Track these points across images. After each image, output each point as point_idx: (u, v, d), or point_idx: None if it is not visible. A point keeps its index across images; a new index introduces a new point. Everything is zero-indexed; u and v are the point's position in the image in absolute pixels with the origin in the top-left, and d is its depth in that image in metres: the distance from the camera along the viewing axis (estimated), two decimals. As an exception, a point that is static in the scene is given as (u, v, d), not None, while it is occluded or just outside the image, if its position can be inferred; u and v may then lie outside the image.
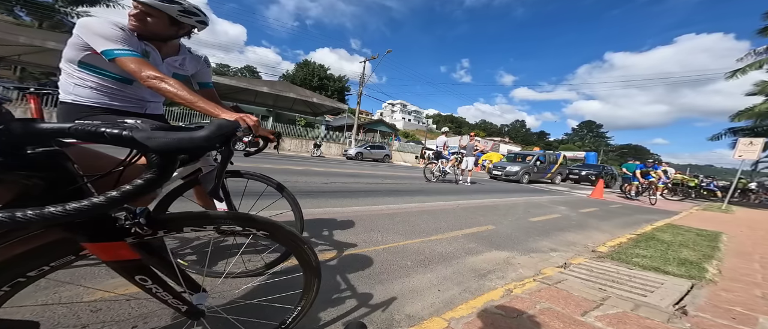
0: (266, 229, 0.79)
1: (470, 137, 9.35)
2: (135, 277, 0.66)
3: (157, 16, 1.24)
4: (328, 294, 1.50)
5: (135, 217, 0.59)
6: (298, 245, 0.87)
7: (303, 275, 0.95)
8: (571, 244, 3.10)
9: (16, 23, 16.41)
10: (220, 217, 0.71)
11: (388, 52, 21.93)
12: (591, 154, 37.63)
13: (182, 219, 0.67)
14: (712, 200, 13.41)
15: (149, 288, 0.69)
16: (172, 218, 0.66)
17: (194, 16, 1.32)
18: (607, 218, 5.16)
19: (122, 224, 0.58)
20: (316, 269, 0.93)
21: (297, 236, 0.86)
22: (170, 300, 0.73)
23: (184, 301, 0.77)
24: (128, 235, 0.60)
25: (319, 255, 2.00)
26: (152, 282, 0.68)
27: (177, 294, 0.75)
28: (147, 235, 0.61)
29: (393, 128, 41.85)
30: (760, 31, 12.51)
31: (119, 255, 0.61)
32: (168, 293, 0.72)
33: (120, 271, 0.64)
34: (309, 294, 0.97)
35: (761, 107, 12.86)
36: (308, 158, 13.40)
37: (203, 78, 1.61)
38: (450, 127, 22.25)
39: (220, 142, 0.55)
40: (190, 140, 0.51)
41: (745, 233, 4.66)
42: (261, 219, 0.79)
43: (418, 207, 4.17)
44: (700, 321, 1.55)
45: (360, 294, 1.54)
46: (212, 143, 0.54)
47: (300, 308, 1.00)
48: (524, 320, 1.40)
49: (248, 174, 1.63)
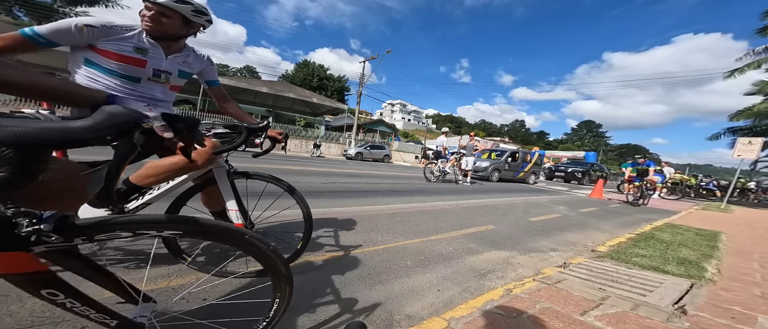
0: (206, 232, 0.70)
1: (470, 137, 9.35)
2: (41, 291, 0.57)
3: (172, 16, 1.29)
4: (328, 294, 1.50)
5: (39, 223, 0.50)
6: (258, 247, 0.77)
7: (271, 282, 0.86)
8: (570, 244, 3.10)
9: (14, 23, 16.37)
10: (145, 222, 0.62)
11: (388, 52, 21.94)
12: (590, 154, 37.69)
13: (96, 226, 0.57)
14: (711, 199, 13.43)
15: (62, 303, 0.60)
16: (90, 224, 0.57)
17: (203, 16, 1.37)
18: (606, 218, 5.17)
19: (21, 231, 0.49)
20: (287, 276, 0.84)
21: (253, 239, 0.77)
22: (92, 314, 0.64)
23: (114, 316, 0.67)
24: (31, 244, 0.51)
25: (319, 255, 2.00)
26: (65, 296, 0.59)
27: (102, 307, 0.65)
28: (57, 244, 0.53)
29: (393, 128, 41.86)
30: (759, 30, 12.53)
31: (17, 267, 0.53)
32: (89, 307, 0.63)
33: (21, 285, 0.56)
34: (279, 303, 0.88)
35: (760, 106, 12.88)
36: (308, 158, 13.41)
37: (210, 76, 1.63)
38: (450, 127, 22.28)
39: (112, 135, 0.47)
40: (62, 131, 0.43)
41: (744, 232, 4.67)
42: (198, 221, 0.69)
43: (417, 207, 4.17)
44: (700, 321, 1.55)
45: (360, 294, 1.54)
46: (99, 135, 0.46)
47: (267, 320, 0.91)
48: (524, 320, 1.40)
49: (258, 176, 1.60)
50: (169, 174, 1.28)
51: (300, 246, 1.65)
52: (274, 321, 0.91)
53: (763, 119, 13.29)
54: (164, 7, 1.25)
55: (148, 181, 1.26)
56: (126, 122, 0.48)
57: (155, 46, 1.36)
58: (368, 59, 23.54)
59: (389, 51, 21.83)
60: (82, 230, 0.56)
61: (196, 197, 1.61)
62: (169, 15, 1.28)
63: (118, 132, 0.48)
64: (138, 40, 1.31)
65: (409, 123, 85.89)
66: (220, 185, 1.45)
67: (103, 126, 0.46)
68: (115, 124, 0.47)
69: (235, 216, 1.47)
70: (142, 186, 1.28)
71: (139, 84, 1.36)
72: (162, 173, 1.26)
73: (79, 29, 1.17)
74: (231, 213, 1.47)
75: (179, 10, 1.28)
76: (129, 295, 0.72)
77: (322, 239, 2.32)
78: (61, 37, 1.16)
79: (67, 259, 0.61)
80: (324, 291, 1.53)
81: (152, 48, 1.35)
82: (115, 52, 1.26)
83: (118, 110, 0.48)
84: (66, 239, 0.54)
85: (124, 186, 1.26)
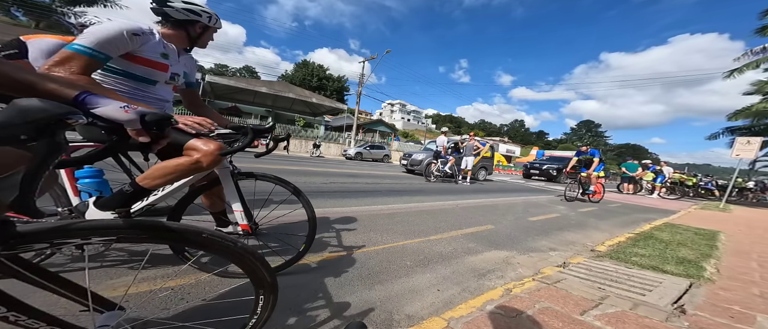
0: (174, 237, 0.64)
1: (470, 136, 9.36)
2: None
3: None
4: (328, 294, 1.50)
5: None
6: (221, 245, 0.71)
7: (250, 281, 0.80)
8: (570, 243, 3.11)
9: (13, 23, 16.32)
10: (98, 228, 0.57)
11: (388, 53, 21.92)
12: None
13: (44, 232, 0.52)
14: (710, 199, 13.46)
15: (4, 316, 0.53)
16: (33, 231, 0.52)
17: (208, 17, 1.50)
18: (605, 218, 5.18)
19: None
20: (272, 284, 0.79)
21: (214, 237, 0.71)
22: (43, 328, 0.58)
23: (69, 327, 0.62)
24: None
25: (319, 255, 2.00)
26: (8, 309, 0.54)
27: (54, 320, 0.60)
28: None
29: (392, 127, 41.88)
30: (758, 30, 12.56)
31: None
32: (37, 320, 0.57)
33: None
34: (260, 312, 0.82)
35: (758, 106, 12.92)
36: (307, 158, 13.40)
37: (191, 77, 1.66)
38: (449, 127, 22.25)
39: (27, 133, 0.41)
40: None
41: (743, 232, 4.68)
42: (159, 225, 0.63)
43: (417, 207, 4.17)
44: (699, 320, 1.55)
45: (360, 294, 1.54)
46: (6, 133, 0.39)
47: (256, 318, 0.84)
48: (523, 319, 1.41)
49: (263, 177, 1.59)
50: (176, 176, 1.27)
51: (303, 248, 1.65)
52: (263, 317, 0.85)
53: (761, 119, 13.33)
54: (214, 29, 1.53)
55: (154, 183, 1.26)
56: (44, 119, 0.41)
57: (173, 51, 1.42)
58: (368, 59, 23.54)
59: (389, 51, 21.83)
60: (23, 237, 0.51)
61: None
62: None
63: (36, 130, 0.41)
64: (164, 46, 1.36)
65: (408, 123, 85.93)
66: (225, 186, 1.45)
67: (11, 123, 0.39)
68: (29, 121, 0.40)
69: (240, 217, 1.47)
70: (149, 188, 1.28)
71: (153, 87, 1.39)
72: (168, 174, 1.26)
73: (130, 37, 1.19)
74: (236, 214, 1.47)
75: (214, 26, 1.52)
76: (98, 303, 0.66)
77: (322, 239, 2.32)
78: (115, 48, 1.17)
79: (7, 268, 0.55)
80: (324, 291, 1.53)
81: (172, 53, 1.41)
82: (146, 57, 1.29)
83: (35, 104, 0.41)
84: (9, 247, 0.49)
85: (131, 189, 1.25)
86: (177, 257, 1.52)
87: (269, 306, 0.82)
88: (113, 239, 0.59)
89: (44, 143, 0.43)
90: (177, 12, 1.37)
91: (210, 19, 1.47)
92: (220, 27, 1.57)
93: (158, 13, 1.39)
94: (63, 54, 1.06)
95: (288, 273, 1.65)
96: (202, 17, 1.44)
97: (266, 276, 0.78)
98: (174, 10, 1.37)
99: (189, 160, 1.24)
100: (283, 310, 1.29)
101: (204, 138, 1.30)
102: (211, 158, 1.25)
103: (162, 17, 1.40)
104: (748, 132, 13.80)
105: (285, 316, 1.26)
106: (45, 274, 0.59)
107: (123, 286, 1.33)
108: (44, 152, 0.45)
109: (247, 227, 1.49)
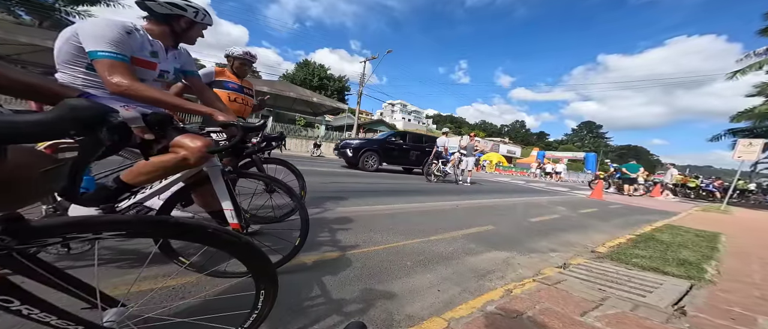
0: (168, 232, 0.66)
1: (470, 137, 9.35)
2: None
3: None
4: (328, 294, 1.51)
5: None
6: (222, 238, 0.71)
7: (252, 278, 0.81)
8: (570, 244, 3.10)
9: (16, 22, 16.38)
10: (111, 222, 0.59)
11: (389, 53, 21.92)
12: (590, 154, 37.38)
13: (57, 227, 0.54)
14: (711, 200, 13.43)
15: (17, 310, 0.55)
16: (46, 226, 0.53)
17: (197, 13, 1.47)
18: (606, 219, 5.17)
19: None
20: (272, 279, 0.79)
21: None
22: (54, 321, 0.60)
23: (79, 321, 0.63)
24: None
25: (319, 255, 2.00)
26: (22, 302, 0.55)
27: (64, 313, 0.62)
28: (8, 247, 0.50)
29: (393, 128, 41.86)
30: (761, 31, 12.54)
31: None
32: (50, 314, 0.59)
33: None
34: (261, 307, 0.83)
35: (762, 108, 12.89)
36: (308, 158, 13.40)
37: (189, 66, 1.65)
38: (450, 127, 22.10)
39: (75, 129, 0.44)
40: (7, 125, 0.39)
41: (744, 234, 4.67)
42: (149, 220, 0.65)
43: (418, 207, 4.17)
44: (699, 322, 1.55)
45: (360, 294, 1.54)
46: (59, 129, 0.42)
47: (256, 313, 0.85)
48: (524, 320, 1.41)
49: (254, 175, 1.61)
50: (161, 173, 1.25)
51: (298, 243, 1.63)
52: (263, 313, 0.86)
53: (763, 121, 13.30)
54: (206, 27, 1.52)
55: (138, 180, 1.23)
56: (91, 117, 0.46)
57: (161, 48, 1.38)
58: (369, 59, 23.54)
59: (390, 51, 21.83)
60: (37, 232, 0.53)
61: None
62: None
63: (83, 127, 0.45)
64: (152, 44, 1.33)
65: (409, 123, 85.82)
66: (215, 184, 1.42)
67: (64, 120, 0.42)
68: (77, 117, 0.44)
69: (230, 216, 1.44)
70: (133, 185, 1.26)
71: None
72: (153, 171, 1.23)
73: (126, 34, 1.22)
74: (226, 213, 1.45)
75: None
76: (103, 300, 0.69)
77: (322, 239, 2.32)
78: (123, 45, 1.19)
79: (20, 264, 0.57)
80: (323, 290, 1.53)
81: (160, 50, 1.37)
82: (136, 56, 1.26)
83: (82, 103, 0.45)
84: (21, 241, 0.51)
85: (115, 185, 1.23)
86: (171, 261, 1.51)
87: (270, 301, 0.84)
88: (123, 234, 0.61)
89: (88, 139, 0.48)
90: (160, 6, 1.34)
91: (196, 15, 1.43)
92: (211, 23, 1.52)
93: (142, 7, 1.35)
94: (110, 65, 1.10)
95: (287, 272, 1.65)
96: (187, 12, 1.40)
97: (268, 271, 0.80)
98: (157, 4, 1.33)
99: (175, 157, 1.21)
100: (284, 310, 1.29)
101: (191, 134, 1.27)
102: (199, 155, 1.22)
103: (147, 12, 1.37)
104: (750, 134, 13.77)
105: (285, 316, 1.26)
106: (54, 271, 0.61)
107: (124, 284, 1.33)
108: (89, 146, 0.50)
109: (237, 227, 1.45)
